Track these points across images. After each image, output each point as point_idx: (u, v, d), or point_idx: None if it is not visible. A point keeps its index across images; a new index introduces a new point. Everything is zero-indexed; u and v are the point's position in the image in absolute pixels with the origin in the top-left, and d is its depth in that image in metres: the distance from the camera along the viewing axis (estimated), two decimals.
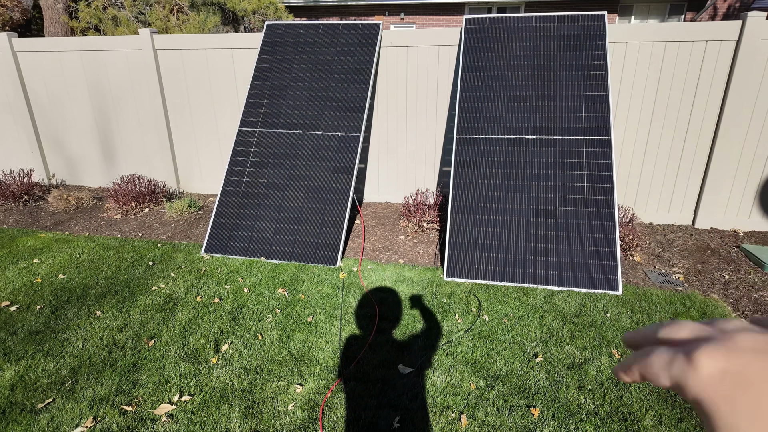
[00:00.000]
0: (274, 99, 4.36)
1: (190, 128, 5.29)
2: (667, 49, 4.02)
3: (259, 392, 2.34)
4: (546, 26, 4.07)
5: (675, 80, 4.09)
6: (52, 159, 5.85)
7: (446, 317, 2.97)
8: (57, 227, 4.57)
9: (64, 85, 5.42)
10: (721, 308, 3.05)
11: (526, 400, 2.27)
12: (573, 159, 3.63)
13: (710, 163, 4.20)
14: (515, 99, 3.90)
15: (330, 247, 3.74)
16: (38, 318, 2.98)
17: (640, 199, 4.50)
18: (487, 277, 3.40)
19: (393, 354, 2.61)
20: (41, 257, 3.86)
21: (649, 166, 4.36)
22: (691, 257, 3.82)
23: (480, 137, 3.84)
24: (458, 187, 3.72)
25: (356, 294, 3.26)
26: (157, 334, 2.81)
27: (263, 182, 4.09)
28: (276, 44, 4.57)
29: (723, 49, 3.94)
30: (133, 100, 5.29)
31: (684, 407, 2.22)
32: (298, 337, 2.78)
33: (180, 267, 3.67)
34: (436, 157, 4.83)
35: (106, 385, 2.39)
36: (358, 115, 4.16)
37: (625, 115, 4.26)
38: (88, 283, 3.42)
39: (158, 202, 5.12)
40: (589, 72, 3.85)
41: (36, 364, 2.54)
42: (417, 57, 4.52)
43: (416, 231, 4.32)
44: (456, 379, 2.41)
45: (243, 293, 3.27)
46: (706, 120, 4.14)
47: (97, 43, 5.12)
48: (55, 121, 5.62)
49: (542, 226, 3.48)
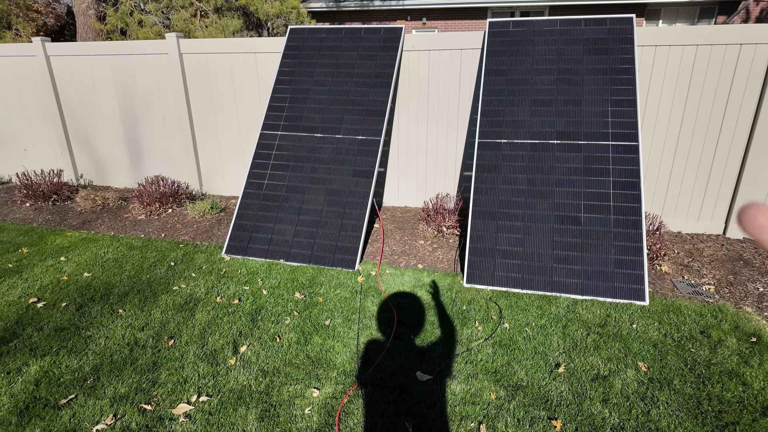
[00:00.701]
0: (296, 102, 4.39)
1: (213, 130, 5.37)
2: (699, 53, 3.90)
3: (276, 395, 2.33)
4: (572, 29, 3.99)
5: (707, 85, 3.96)
6: (80, 160, 6.01)
7: (466, 324, 2.91)
8: (84, 226, 4.68)
9: (93, 88, 5.57)
10: (755, 322, 2.92)
11: (548, 412, 2.21)
12: (599, 165, 3.54)
13: (743, 170, 4.04)
14: (539, 103, 3.83)
15: (349, 250, 3.73)
16: (63, 315, 3.04)
17: (669, 207, 4.36)
18: (508, 284, 3.33)
19: (411, 360, 2.57)
20: (68, 255, 3.95)
21: (678, 173, 4.23)
22: (722, 268, 3.67)
23: (503, 141, 3.78)
24: (480, 192, 3.67)
25: (374, 298, 3.23)
26: (177, 334, 2.84)
27: (284, 185, 4.11)
28: (298, 48, 4.60)
29: (758, 53, 3.79)
30: (159, 102, 5.40)
31: (716, 425, 2.12)
32: (316, 341, 2.77)
33: (201, 268, 3.71)
34: (456, 161, 4.78)
35: (127, 383, 2.41)
36: (379, 119, 4.15)
37: (654, 121, 4.14)
38: (111, 282, 3.49)
39: (181, 203, 5.20)
40: (616, 76, 3.76)
41: (60, 360, 2.59)
42: (439, 61, 4.49)
43: (436, 236, 4.28)
44: (475, 388, 2.36)
45: (262, 295, 3.28)
46: (739, 126, 3.99)
47: (125, 48, 5.25)
48: (84, 123, 5.78)
49: (566, 233, 3.40)
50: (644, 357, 2.59)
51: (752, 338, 2.75)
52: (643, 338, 2.76)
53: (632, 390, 2.34)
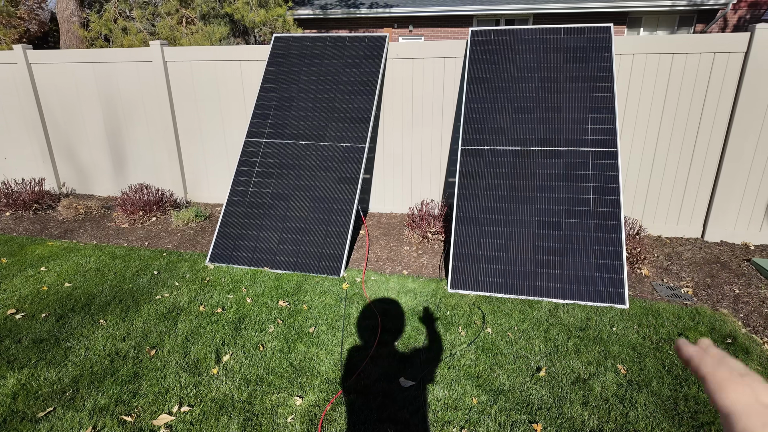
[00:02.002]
0: (281, 110, 4.40)
1: (198, 138, 5.35)
2: (675, 61, 4.00)
3: (259, 404, 2.33)
4: (552, 38, 4.07)
5: (683, 92, 4.06)
6: (63, 168, 5.94)
7: (449, 330, 2.93)
8: (65, 236, 4.62)
9: (76, 96, 5.52)
10: (731, 323, 2.99)
11: (529, 416, 2.23)
12: (579, 171, 3.60)
13: (719, 175, 4.14)
14: (521, 110, 3.89)
15: (334, 257, 3.73)
16: (43, 326, 3.00)
17: (648, 212, 4.44)
18: (491, 289, 3.36)
19: (395, 366, 2.58)
20: (48, 265, 3.90)
21: (657, 178, 4.32)
22: (700, 271, 3.75)
23: (485, 148, 3.83)
24: (463, 198, 3.71)
25: (359, 305, 3.24)
26: (159, 344, 2.82)
27: (269, 192, 4.11)
28: (283, 56, 4.62)
29: (731, 61, 3.91)
30: (143, 110, 5.37)
31: (692, 425, 2.17)
32: (300, 349, 2.76)
33: (184, 276, 3.69)
34: (441, 168, 4.82)
35: (107, 394, 2.39)
36: (364, 126, 4.17)
37: (632, 127, 4.23)
38: (93, 292, 3.45)
39: (165, 212, 5.16)
40: (596, 84, 3.84)
41: (38, 372, 2.55)
42: (423, 69, 4.55)
43: (421, 242, 4.31)
44: (458, 394, 2.38)
45: (246, 303, 3.27)
46: (714, 131, 4.10)
47: (109, 55, 5.22)
48: (67, 130, 5.72)
49: (548, 238, 3.45)
50: (623, 359, 2.64)
51: (728, 339, 2.82)
52: (622, 341, 2.80)
53: (611, 392, 2.38)
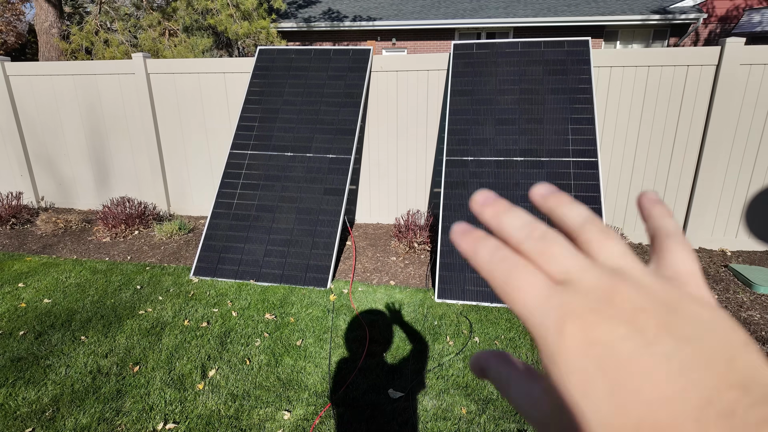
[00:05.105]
0: (266, 122, 4.40)
1: (181, 151, 5.30)
2: (650, 74, 4.13)
3: (246, 419, 2.29)
4: (532, 51, 4.17)
5: (659, 103, 4.19)
6: (42, 182, 5.82)
7: (437, 339, 2.94)
8: (44, 251, 4.51)
9: (56, 109, 5.43)
10: None
11: (518, 425, 2.24)
12: (561, 180, 3.68)
13: (696, 183, 4.27)
14: (503, 122, 3.96)
15: (320, 269, 3.72)
16: (21, 344, 2.91)
17: (629, 220, 4.54)
18: (478, 298, 3.39)
19: (383, 378, 2.58)
20: (27, 281, 3.80)
21: (636, 187, 4.42)
22: None
23: (469, 159, 3.88)
24: (448, 209, 3.74)
25: (347, 316, 3.23)
26: (143, 360, 2.76)
27: (254, 204, 4.09)
28: (268, 68, 4.63)
29: (704, 74, 4.05)
30: (125, 122, 5.31)
31: None
32: (287, 362, 2.74)
33: (168, 290, 3.63)
34: (426, 178, 4.87)
35: (89, 413, 2.32)
36: (349, 138, 4.20)
37: (612, 138, 4.34)
38: (73, 308, 3.37)
39: (148, 225, 5.08)
40: (575, 95, 3.93)
41: (17, 392, 2.48)
42: (407, 81, 4.60)
43: (407, 252, 4.32)
44: (447, 404, 2.38)
45: (231, 317, 3.23)
46: (690, 142, 4.23)
47: (90, 68, 5.17)
48: (47, 143, 5.61)
49: None
50: None
51: None
52: None
53: None
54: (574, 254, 0.23)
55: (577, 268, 0.22)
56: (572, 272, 0.22)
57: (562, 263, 0.23)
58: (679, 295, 0.21)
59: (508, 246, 0.24)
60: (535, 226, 0.24)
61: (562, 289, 0.22)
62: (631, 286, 0.21)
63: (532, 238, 0.24)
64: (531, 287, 0.22)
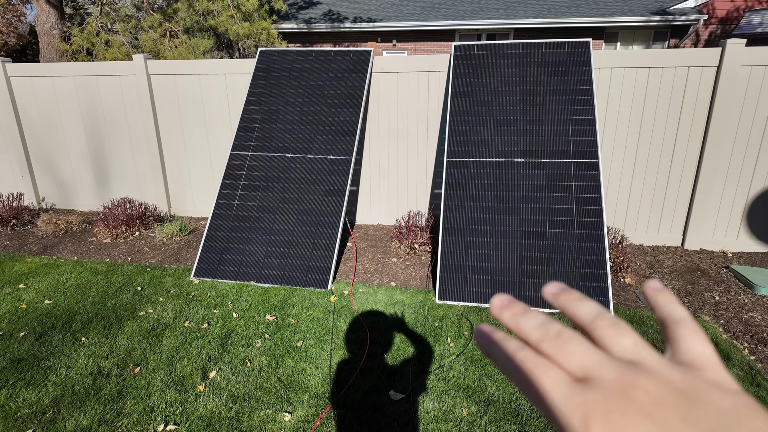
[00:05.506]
0: (267, 123, 4.40)
1: (182, 152, 5.31)
2: (651, 75, 4.13)
3: (247, 421, 2.29)
4: (533, 52, 4.17)
5: (659, 105, 4.19)
6: (42, 183, 5.83)
7: (438, 341, 2.94)
8: (45, 252, 4.51)
9: (57, 110, 5.44)
10: (712, 329, 3.05)
11: (519, 426, 2.24)
12: (562, 182, 3.67)
13: (697, 185, 4.27)
14: (504, 123, 3.96)
15: (321, 270, 3.72)
16: (21, 345, 2.91)
17: (630, 221, 4.54)
18: (478, 299, 3.38)
19: (384, 379, 2.57)
20: (27, 282, 3.80)
21: (637, 188, 4.42)
22: (681, 278, 3.84)
23: (470, 160, 3.88)
24: (449, 210, 3.74)
25: (347, 318, 3.23)
26: (144, 361, 2.76)
27: (254, 205, 4.09)
28: (268, 70, 4.64)
29: (705, 75, 4.05)
30: (126, 123, 5.31)
31: None
32: (288, 363, 2.73)
33: (169, 292, 3.63)
34: (427, 179, 4.87)
35: (89, 414, 2.32)
36: (350, 139, 4.20)
37: (612, 139, 4.34)
38: (74, 309, 3.36)
39: (149, 226, 5.08)
40: (576, 97, 3.93)
41: (17, 393, 2.47)
42: (407, 82, 4.61)
43: (408, 253, 4.32)
44: (448, 405, 2.38)
45: (232, 318, 3.23)
46: (691, 143, 4.23)
47: (91, 69, 5.17)
48: (47, 145, 5.62)
49: (533, 248, 3.49)
50: None
51: None
52: None
53: None
54: (590, 350, 0.24)
55: (595, 364, 0.23)
56: (591, 368, 0.23)
57: (579, 360, 0.24)
58: (698, 383, 0.22)
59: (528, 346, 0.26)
60: (550, 326, 0.26)
61: (584, 387, 0.23)
62: (649, 378, 0.22)
63: (548, 337, 0.25)
64: (554, 387, 0.23)
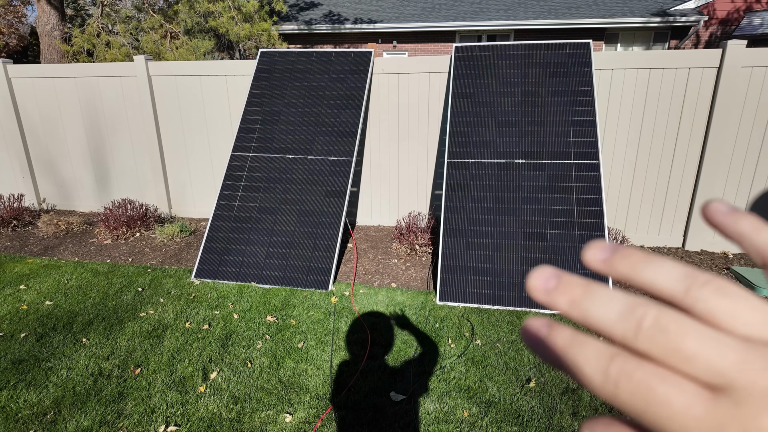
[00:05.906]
0: (267, 124, 4.41)
1: (183, 153, 5.31)
2: (652, 76, 4.13)
3: (248, 422, 2.29)
4: (533, 53, 4.17)
5: (660, 105, 4.19)
6: (43, 184, 5.83)
7: (439, 342, 2.94)
8: (46, 253, 4.51)
9: (58, 111, 5.44)
10: None
11: (520, 427, 2.24)
12: (562, 183, 3.67)
13: (698, 185, 4.26)
14: (504, 124, 3.96)
15: (322, 271, 3.72)
16: (22, 346, 2.91)
17: (630, 222, 4.54)
18: (479, 300, 3.38)
19: (385, 380, 2.57)
20: (28, 283, 3.80)
21: (638, 189, 4.42)
22: None
23: (470, 161, 3.88)
24: (450, 211, 3.74)
25: (348, 319, 3.23)
26: (145, 362, 2.76)
27: (255, 206, 4.09)
28: (269, 71, 4.64)
29: (705, 76, 4.05)
30: (127, 125, 5.32)
31: None
32: (288, 364, 2.73)
33: (170, 293, 3.63)
34: (428, 180, 4.87)
35: (90, 415, 2.32)
36: (351, 140, 4.20)
37: (613, 140, 4.34)
38: (75, 310, 3.36)
39: (149, 227, 5.08)
40: (577, 98, 3.93)
41: (18, 394, 2.47)
42: (408, 84, 4.61)
43: (409, 254, 4.32)
44: (449, 407, 2.37)
45: (233, 319, 3.23)
46: (692, 144, 4.22)
47: (91, 70, 5.18)
48: (48, 146, 5.62)
49: (533, 249, 3.49)
50: None
51: None
52: None
53: (600, 402, 2.40)
54: (717, 342, 0.17)
55: (732, 364, 0.16)
56: (728, 372, 0.16)
57: (708, 363, 0.17)
58: None
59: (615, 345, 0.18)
60: (639, 310, 0.18)
61: (727, 402, 0.16)
62: None
63: (645, 331, 0.18)
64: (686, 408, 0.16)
